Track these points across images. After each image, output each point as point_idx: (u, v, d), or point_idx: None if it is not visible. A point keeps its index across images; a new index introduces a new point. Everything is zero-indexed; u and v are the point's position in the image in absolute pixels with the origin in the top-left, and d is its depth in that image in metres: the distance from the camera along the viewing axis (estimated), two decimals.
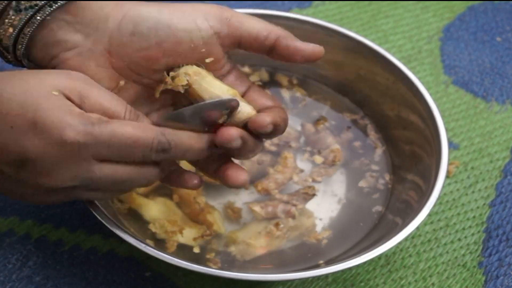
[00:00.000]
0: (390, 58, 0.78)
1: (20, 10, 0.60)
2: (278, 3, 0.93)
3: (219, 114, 0.60)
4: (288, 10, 0.91)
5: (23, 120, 0.56)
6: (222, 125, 0.61)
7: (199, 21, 0.61)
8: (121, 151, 0.57)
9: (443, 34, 0.92)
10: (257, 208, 0.71)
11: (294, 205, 0.72)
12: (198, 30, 0.61)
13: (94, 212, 0.64)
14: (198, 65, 0.62)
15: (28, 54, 0.62)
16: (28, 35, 0.60)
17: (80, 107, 0.58)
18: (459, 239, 0.75)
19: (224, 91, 0.61)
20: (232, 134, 0.60)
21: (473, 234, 0.75)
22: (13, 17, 0.60)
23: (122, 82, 0.62)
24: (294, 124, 0.78)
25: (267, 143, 0.76)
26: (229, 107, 0.60)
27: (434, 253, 0.74)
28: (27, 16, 0.60)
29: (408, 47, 0.91)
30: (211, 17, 0.61)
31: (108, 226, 0.63)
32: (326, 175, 0.75)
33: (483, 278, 0.72)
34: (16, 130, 0.56)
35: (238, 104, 0.61)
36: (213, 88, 0.62)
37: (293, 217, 0.71)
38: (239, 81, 0.64)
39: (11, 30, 0.60)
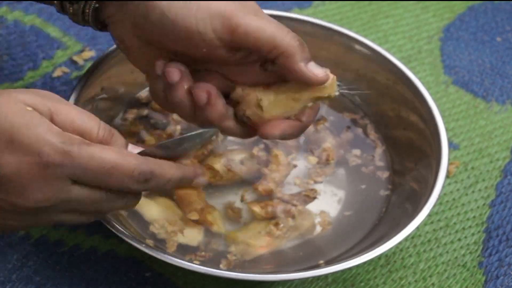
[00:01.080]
0: (390, 58, 0.78)
1: None
2: (278, 3, 0.93)
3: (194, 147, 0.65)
4: (288, 10, 0.91)
5: None
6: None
7: (201, 24, 0.60)
8: (98, 176, 0.56)
9: (443, 34, 0.92)
10: (256, 208, 0.71)
11: (294, 205, 0.72)
12: (198, 32, 0.61)
13: None
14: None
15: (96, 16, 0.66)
16: (91, 9, 0.65)
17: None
18: (459, 239, 0.75)
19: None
20: (274, 133, 0.64)
21: (473, 234, 0.75)
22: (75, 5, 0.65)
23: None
24: None
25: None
26: (207, 138, 0.63)
27: (434, 253, 0.74)
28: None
29: (408, 47, 0.91)
30: (217, 21, 0.60)
31: (108, 226, 0.63)
32: (324, 175, 0.75)
33: (483, 278, 0.72)
34: None
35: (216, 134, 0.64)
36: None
37: (293, 217, 0.71)
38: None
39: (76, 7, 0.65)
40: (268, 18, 0.62)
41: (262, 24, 0.61)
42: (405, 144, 0.76)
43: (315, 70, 0.62)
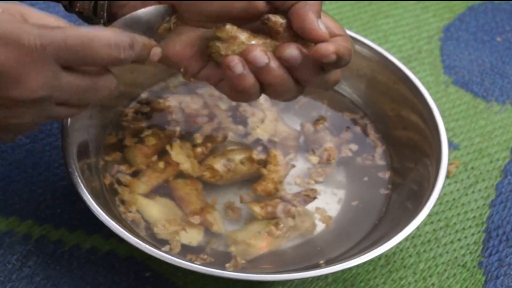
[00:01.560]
0: (390, 58, 0.78)
1: None
2: None
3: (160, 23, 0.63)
4: None
5: None
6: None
7: None
8: (80, 52, 0.57)
9: (443, 34, 0.92)
10: (256, 208, 0.71)
11: (294, 206, 0.72)
12: None
13: (94, 212, 0.64)
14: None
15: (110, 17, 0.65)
16: (105, 5, 0.64)
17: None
18: (459, 239, 0.75)
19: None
20: (329, 49, 0.60)
21: (473, 234, 0.75)
22: None
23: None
24: (293, 124, 0.78)
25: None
26: (167, 12, 0.63)
27: (434, 253, 0.74)
28: None
29: (408, 47, 0.91)
30: None
31: (108, 226, 0.63)
32: (325, 175, 0.75)
33: (483, 278, 0.72)
34: None
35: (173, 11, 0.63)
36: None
37: (293, 217, 0.71)
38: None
39: (87, 4, 0.65)
40: None
41: None
42: (405, 144, 0.76)
43: (322, 26, 0.61)
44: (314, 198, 0.73)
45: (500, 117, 0.85)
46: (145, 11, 0.62)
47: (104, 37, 0.57)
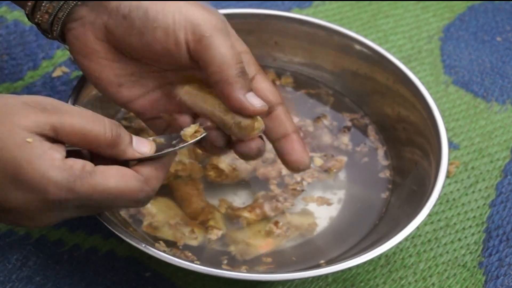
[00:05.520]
0: (390, 58, 0.78)
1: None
2: (278, 3, 0.93)
3: None
4: (288, 10, 0.91)
5: (2, 175, 0.55)
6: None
7: (177, 26, 0.62)
8: (103, 203, 0.58)
9: (443, 34, 0.92)
10: (245, 214, 0.71)
11: (279, 201, 0.72)
12: (173, 34, 0.62)
13: None
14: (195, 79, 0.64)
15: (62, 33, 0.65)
16: (61, 19, 0.64)
17: (55, 139, 0.57)
18: (459, 239, 0.75)
19: (215, 106, 0.63)
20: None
21: (473, 234, 0.75)
22: (47, 5, 0.64)
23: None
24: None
25: None
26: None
27: (434, 253, 0.74)
28: (60, 4, 0.63)
29: (408, 47, 0.91)
30: (189, 27, 0.62)
31: (108, 226, 0.63)
32: (316, 179, 0.74)
33: (483, 278, 0.72)
34: None
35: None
36: (206, 104, 0.64)
37: (283, 212, 0.71)
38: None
39: (46, 16, 0.64)
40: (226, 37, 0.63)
41: (224, 42, 0.62)
42: (405, 144, 0.76)
43: (253, 100, 0.63)
44: (302, 190, 0.73)
45: (500, 117, 0.85)
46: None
47: (130, 194, 0.58)
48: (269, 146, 0.75)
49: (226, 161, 0.72)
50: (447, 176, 0.78)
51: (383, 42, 0.90)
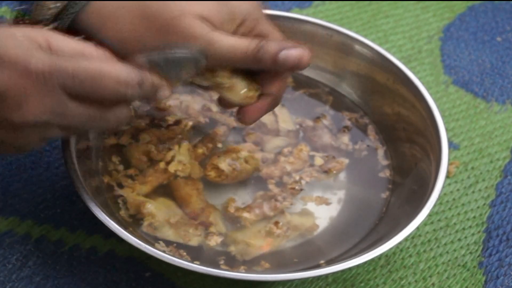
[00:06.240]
0: (390, 58, 0.78)
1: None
2: (278, 3, 0.93)
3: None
4: (288, 10, 0.91)
5: None
6: None
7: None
8: (87, 83, 0.57)
9: (443, 34, 0.92)
10: (245, 214, 0.71)
11: (278, 201, 0.72)
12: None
13: (94, 212, 0.64)
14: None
15: None
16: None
17: (48, 49, 0.58)
18: (459, 239, 0.75)
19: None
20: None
21: (473, 234, 0.75)
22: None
23: None
24: (292, 121, 0.78)
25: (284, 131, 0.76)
26: (197, 62, 0.62)
27: (434, 253, 0.74)
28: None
29: (408, 47, 0.91)
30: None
31: (108, 226, 0.63)
32: (315, 179, 0.74)
33: (483, 278, 0.72)
34: None
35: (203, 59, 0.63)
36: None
37: (282, 211, 0.71)
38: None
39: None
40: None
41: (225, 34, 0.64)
42: (405, 144, 0.76)
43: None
44: (301, 189, 0.73)
45: (500, 117, 0.85)
46: (177, 52, 0.62)
47: (114, 73, 0.57)
48: (269, 146, 0.75)
49: (226, 161, 0.72)
50: (447, 176, 0.77)
51: (383, 42, 0.90)
